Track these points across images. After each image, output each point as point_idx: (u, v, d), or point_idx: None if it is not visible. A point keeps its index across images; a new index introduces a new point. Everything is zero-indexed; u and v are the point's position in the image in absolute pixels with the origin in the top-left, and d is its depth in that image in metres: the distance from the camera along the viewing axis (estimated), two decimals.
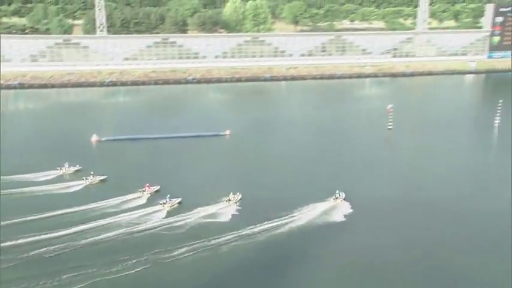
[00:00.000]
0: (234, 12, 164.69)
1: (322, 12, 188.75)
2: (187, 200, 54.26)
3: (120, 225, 48.68)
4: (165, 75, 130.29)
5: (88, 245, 45.38)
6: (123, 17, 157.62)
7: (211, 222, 50.10)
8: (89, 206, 52.47)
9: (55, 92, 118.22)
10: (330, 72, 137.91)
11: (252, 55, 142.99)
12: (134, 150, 74.01)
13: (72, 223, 48.66)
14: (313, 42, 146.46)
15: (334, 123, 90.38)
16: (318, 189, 57.68)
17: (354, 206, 54.31)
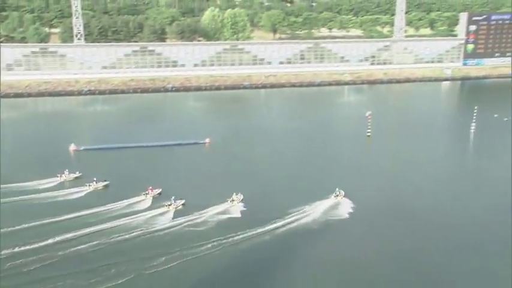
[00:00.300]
0: (213, 21, 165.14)
1: (300, 21, 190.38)
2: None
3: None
4: (143, 84, 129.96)
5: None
6: (101, 26, 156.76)
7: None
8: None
9: (32, 101, 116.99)
10: (308, 80, 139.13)
11: (231, 63, 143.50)
12: (113, 159, 73.67)
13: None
14: (291, 50, 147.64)
15: (314, 130, 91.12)
16: (303, 192, 59.62)
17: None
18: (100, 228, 50.88)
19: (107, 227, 51.25)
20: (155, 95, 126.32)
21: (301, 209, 55.47)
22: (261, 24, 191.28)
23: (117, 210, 55.44)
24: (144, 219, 53.64)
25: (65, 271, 43.39)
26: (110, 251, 47.01)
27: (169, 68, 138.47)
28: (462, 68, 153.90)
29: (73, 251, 46.71)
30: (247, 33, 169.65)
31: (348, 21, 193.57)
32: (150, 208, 56.33)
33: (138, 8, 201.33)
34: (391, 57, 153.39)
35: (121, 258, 45.32)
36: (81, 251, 46.89)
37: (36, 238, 48.26)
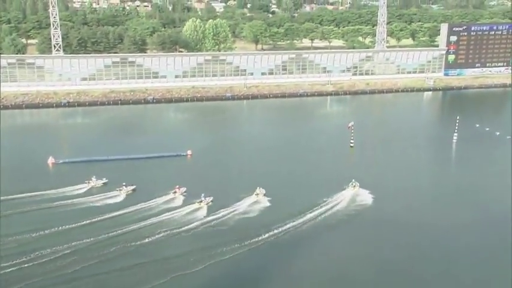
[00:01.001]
0: (194, 32, 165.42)
1: (282, 31, 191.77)
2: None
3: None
4: (124, 95, 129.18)
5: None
6: (80, 37, 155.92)
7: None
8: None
9: (8, 114, 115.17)
10: (291, 91, 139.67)
11: (212, 74, 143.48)
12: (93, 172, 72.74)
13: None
14: (274, 61, 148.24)
15: (296, 141, 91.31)
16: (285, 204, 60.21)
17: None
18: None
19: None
20: (136, 106, 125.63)
21: (283, 224, 55.81)
22: (243, 35, 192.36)
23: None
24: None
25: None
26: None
27: (150, 80, 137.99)
28: (444, 78, 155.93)
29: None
30: (229, 44, 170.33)
31: (329, 32, 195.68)
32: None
33: (118, 19, 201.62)
34: (373, 68, 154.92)
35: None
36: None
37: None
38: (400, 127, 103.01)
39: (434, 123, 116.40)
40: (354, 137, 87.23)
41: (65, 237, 52.55)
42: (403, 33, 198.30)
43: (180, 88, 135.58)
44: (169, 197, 63.46)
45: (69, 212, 59.26)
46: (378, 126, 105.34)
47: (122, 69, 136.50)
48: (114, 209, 60.11)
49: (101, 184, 68.11)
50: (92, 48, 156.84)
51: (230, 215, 58.90)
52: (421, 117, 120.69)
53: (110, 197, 64.08)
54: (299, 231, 54.83)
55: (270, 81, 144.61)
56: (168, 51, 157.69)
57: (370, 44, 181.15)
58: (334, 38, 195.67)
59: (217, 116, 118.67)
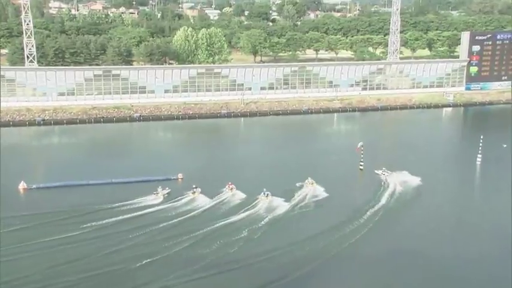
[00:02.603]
0: (185, 42, 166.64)
1: (283, 41, 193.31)
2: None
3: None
4: (107, 112, 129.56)
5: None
6: (57, 46, 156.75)
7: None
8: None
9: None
10: (293, 107, 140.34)
11: (206, 89, 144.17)
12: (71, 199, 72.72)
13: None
14: (274, 74, 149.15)
15: (299, 163, 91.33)
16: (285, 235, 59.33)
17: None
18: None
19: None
20: (120, 125, 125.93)
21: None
22: (240, 45, 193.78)
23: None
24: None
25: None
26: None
27: (137, 95, 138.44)
28: (465, 92, 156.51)
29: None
30: (224, 56, 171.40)
31: (336, 42, 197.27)
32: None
33: (101, 27, 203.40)
34: (385, 82, 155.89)
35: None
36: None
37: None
38: (416, 148, 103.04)
39: (455, 143, 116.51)
40: (363, 159, 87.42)
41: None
42: (418, 43, 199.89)
43: (170, 104, 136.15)
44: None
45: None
46: (390, 147, 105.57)
47: (104, 83, 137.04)
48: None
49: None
50: (70, 59, 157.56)
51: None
52: (439, 136, 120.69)
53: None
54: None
55: (270, 96, 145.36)
56: (156, 63, 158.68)
57: (382, 55, 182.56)
58: (341, 48, 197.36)
59: (211, 135, 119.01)
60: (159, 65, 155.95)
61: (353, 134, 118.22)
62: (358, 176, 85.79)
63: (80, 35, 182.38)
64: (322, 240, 60.24)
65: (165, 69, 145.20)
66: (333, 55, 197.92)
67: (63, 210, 68.53)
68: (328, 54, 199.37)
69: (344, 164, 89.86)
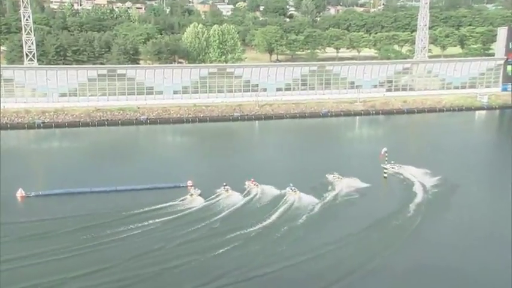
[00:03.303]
0: (196, 39, 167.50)
1: (302, 39, 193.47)
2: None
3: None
4: (112, 115, 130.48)
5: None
6: (59, 44, 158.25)
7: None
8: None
9: None
10: (312, 110, 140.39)
11: (218, 90, 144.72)
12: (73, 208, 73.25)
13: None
14: (291, 74, 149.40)
15: (317, 170, 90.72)
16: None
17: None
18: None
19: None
20: (126, 128, 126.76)
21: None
22: (255, 43, 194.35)
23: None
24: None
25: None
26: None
27: (143, 96, 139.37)
28: (501, 94, 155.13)
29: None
30: (237, 54, 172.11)
31: (359, 39, 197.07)
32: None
33: (105, 23, 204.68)
34: (411, 82, 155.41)
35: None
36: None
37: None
38: (446, 154, 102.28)
39: (489, 150, 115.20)
40: (387, 167, 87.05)
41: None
42: (449, 40, 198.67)
43: (179, 106, 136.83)
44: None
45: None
46: (417, 153, 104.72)
47: (109, 84, 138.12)
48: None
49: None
50: (72, 57, 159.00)
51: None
52: (472, 142, 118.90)
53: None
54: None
55: (286, 98, 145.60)
56: (165, 62, 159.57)
57: (409, 54, 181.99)
58: (364, 46, 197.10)
59: (223, 139, 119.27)
60: (168, 64, 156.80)
61: (376, 139, 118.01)
62: (382, 184, 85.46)
63: (83, 31, 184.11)
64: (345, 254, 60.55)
65: (174, 69, 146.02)
66: (354, 54, 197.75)
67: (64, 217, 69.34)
68: (349, 52, 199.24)
69: (366, 171, 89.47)
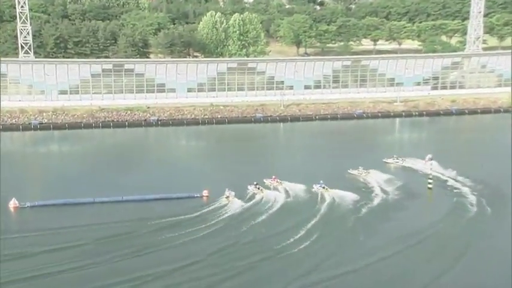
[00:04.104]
0: (214, 29, 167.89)
1: (334, 29, 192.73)
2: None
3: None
4: (118, 115, 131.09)
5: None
6: (59, 34, 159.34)
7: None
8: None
9: None
10: (345, 111, 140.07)
11: (238, 87, 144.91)
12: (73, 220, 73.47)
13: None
14: (321, 70, 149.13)
15: (351, 179, 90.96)
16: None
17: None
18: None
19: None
20: (134, 130, 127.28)
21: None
22: (280, 34, 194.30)
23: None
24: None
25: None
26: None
27: (154, 94, 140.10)
28: None
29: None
30: (260, 47, 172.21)
31: (400, 29, 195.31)
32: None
33: (111, 12, 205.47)
34: (462, 79, 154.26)
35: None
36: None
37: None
38: (503, 163, 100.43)
39: None
40: (432, 176, 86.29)
41: None
42: (508, 29, 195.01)
43: (193, 106, 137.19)
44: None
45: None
46: (468, 161, 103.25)
47: (115, 80, 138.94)
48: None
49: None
50: (74, 50, 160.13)
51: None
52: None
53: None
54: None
55: (315, 97, 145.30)
56: (178, 56, 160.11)
57: (459, 46, 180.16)
58: (406, 37, 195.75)
59: (243, 144, 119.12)
60: (182, 58, 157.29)
61: (419, 144, 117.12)
62: (427, 196, 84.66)
63: (86, 20, 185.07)
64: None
65: (188, 64, 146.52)
66: (395, 46, 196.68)
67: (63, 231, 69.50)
68: (389, 45, 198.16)
69: (408, 181, 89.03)
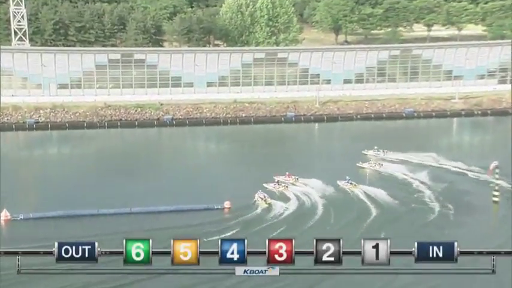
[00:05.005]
0: (238, 14, 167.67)
1: (380, 13, 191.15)
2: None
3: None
4: (126, 113, 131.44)
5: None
6: (58, 19, 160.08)
7: None
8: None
9: None
10: (392, 109, 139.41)
11: (266, 81, 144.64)
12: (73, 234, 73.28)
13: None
14: (364, 61, 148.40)
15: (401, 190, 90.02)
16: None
17: None
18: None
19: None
20: (144, 131, 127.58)
21: None
22: (316, 19, 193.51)
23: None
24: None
25: None
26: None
27: (168, 89, 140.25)
28: None
29: None
30: (292, 34, 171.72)
31: (460, 12, 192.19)
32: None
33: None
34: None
35: None
36: None
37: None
38: None
39: None
40: (499, 187, 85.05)
41: None
42: None
43: (214, 103, 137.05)
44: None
45: None
46: None
47: (123, 72, 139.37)
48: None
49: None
50: (76, 37, 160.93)
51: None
52: None
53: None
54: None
55: (357, 93, 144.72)
56: (197, 45, 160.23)
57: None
58: (467, 22, 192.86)
59: (271, 147, 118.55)
60: (201, 48, 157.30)
61: (483, 148, 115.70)
62: (491, 210, 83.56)
63: (90, 3, 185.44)
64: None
65: (208, 53, 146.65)
66: (453, 32, 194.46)
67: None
68: (446, 31, 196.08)
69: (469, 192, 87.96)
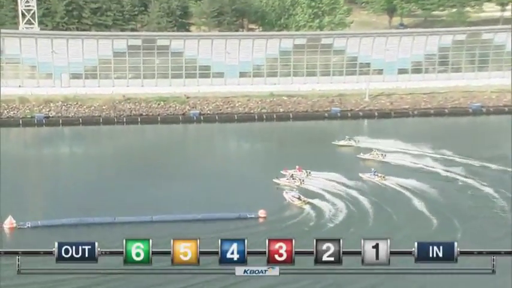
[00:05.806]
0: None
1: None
2: None
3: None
4: (148, 107, 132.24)
5: None
6: (70, 0, 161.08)
7: None
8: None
9: None
10: (455, 104, 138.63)
11: (307, 72, 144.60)
12: None
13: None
14: (423, 48, 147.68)
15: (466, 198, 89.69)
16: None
17: None
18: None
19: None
20: (168, 127, 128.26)
21: None
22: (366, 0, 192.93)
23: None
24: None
25: None
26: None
27: (195, 80, 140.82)
28: None
29: None
30: (339, 17, 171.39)
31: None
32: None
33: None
34: None
35: None
36: None
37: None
38: None
39: None
40: None
41: None
42: None
43: (247, 96, 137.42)
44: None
45: None
46: None
47: (145, 61, 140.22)
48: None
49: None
50: (91, 20, 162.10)
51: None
52: None
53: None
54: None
55: (413, 85, 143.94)
56: (228, 29, 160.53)
57: None
58: None
59: (314, 146, 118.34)
60: (233, 33, 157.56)
61: None
62: None
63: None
64: None
65: (241, 39, 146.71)
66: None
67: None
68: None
69: None
